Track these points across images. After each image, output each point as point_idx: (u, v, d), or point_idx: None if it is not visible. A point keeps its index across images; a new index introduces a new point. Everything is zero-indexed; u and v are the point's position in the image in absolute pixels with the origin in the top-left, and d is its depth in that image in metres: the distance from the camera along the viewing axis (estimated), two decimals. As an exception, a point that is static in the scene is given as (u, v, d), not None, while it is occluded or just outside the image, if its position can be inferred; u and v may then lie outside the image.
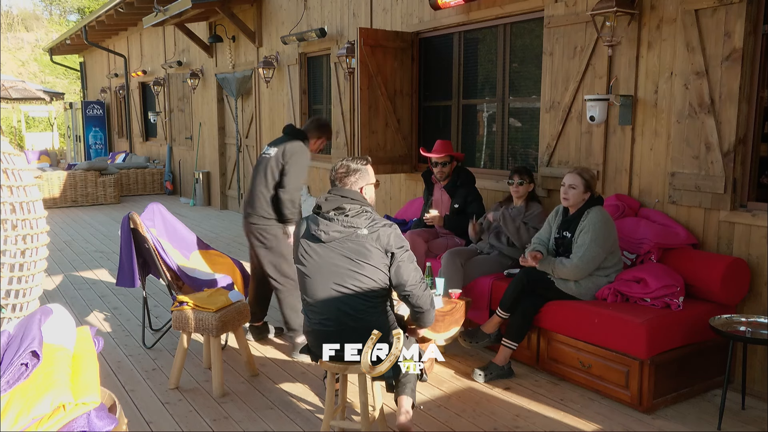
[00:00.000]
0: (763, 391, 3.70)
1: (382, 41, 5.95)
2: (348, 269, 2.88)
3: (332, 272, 2.90)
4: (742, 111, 3.74)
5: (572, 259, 3.82)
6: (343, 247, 2.89)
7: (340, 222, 2.89)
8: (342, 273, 2.88)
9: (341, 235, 2.88)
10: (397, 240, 2.92)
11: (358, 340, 2.84)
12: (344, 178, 3.01)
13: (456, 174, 5.01)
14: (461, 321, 3.92)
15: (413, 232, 4.92)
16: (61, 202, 11.76)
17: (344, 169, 3.03)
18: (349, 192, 2.98)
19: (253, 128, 9.82)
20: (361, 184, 3.03)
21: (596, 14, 4.14)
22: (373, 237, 2.88)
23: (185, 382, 3.92)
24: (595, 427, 3.35)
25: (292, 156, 4.25)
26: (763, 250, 3.72)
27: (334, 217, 2.90)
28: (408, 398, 3.04)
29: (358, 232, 2.87)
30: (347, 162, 3.06)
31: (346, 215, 2.90)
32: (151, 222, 4.42)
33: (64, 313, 2.11)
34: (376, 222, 2.92)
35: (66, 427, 1.66)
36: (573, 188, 3.91)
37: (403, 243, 2.94)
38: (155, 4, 9.79)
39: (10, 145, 2.38)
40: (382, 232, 2.89)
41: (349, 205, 2.92)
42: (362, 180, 3.03)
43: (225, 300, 3.84)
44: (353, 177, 3.01)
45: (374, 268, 2.88)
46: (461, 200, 4.91)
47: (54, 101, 19.82)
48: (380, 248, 2.88)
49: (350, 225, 2.88)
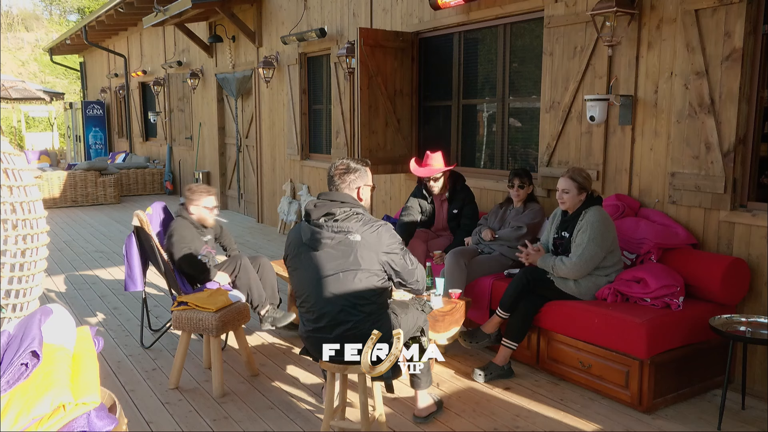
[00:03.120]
0: (763, 391, 3.70)
1: (382, 41, 5.95)
2: (342, 274, 2.87)
3: (326, 278, 2.89)
4: (742, 111, 3.74)
5: (571, 258, 3.82)
6: (336, 252, 2.87)
7: (330, 228, 2.87)
8: (336, 279, 2.88)
9: (333, 241, 2.87)
10: (390, 238, 2.92)
11: (356, 342, 2.86)
12: (344, 174, 3.00)
13: (452, 180, 4.95)
14: (461, 321, 3.92)
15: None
16: (61, 202, 11.77)
17: (344, 167, 3.02)
18: (338, 195, 2.97)
19: (253, 128, 9.82)
20: (359, 183, 3.02)
21: (596, 14, 4.14)
22: (366, 243, 2.86)
23: (185, 382, 3.92)
24: (595, 427, 3.35)
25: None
26: (763, 250, 3.72)
27: (324, 224, 2.89)
28: (422, 397, 3.32)
29: (350, 237, 2.86)
30: (348, 160, 3.06)
31: (335, 220, 2.89)
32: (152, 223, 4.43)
33: (64, 313, 2.11)
34: (368, 224, 2.90)
35: (66, 427, 1.66)
36: (566, 192, 3.92)
37: (395, 238, 2.95)
38: (155, 4, 9.80)
39: (10, 145, 2.38)
40: (373, 236, 2.88)
41: (338, 209, 2.90)
42: (360, 180, 3.03)
43: (225, 300, 3.84)
44: (353, 175, 3.01)
45: (369, 273, 2.88)
46: (459, 205, 4.89)
47: (54, 101, 19.83)
48: (374, 253, 2.88)
49: (341, 230, 2.87)
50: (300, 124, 8.40)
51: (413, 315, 3.19)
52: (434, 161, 4.85)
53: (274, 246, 8.03)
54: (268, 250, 7.71)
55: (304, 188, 8.33)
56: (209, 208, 4.45)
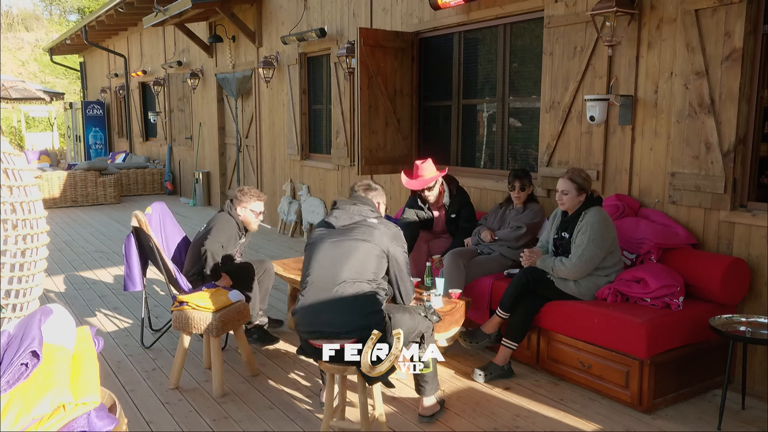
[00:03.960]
0: (763, 391, 3.70)
1: (382, 41, 5.95)
2: (349, 243, 3.07)
3: (335, 248, 3.09)
4: (742, 111, 3.74)
5: (571, 259, 3.82)
6: (352, 230, 3.12)
7: (350, 210, 3.20)
8: (345, 248, 3.07)
9: (351, 220, 3.17)
10: (402, 238, 3.22)
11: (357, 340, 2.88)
12: (366, 190, 3.43)
13: (446, 184, 4.87)
14: (461, 321, 3.92)
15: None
16: (61, 202, 11.77)
17: (366, 185, 3.46)
18: (361, 199, 3.31)
19: (253, 128, 9.82)
20: (378, 199, 3.44)
21: (596, 14, 4.14)
22: (381, 228, 3.13)
23: (185, 382, 3.92)
24: (595, 427, 3.35)
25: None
26: (763, 250, 3.72)
27: (346, 207, 3.21)
28: (427, 398, 3.37)
29: (368, 220, 3.16)
30: (368, 180, 3.53)
31: (360, 214, 3.21)
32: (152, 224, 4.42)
33: (64, 313, 2.11)
34: (385, 222, 3.22)
35: (66, 427, 1.66)
36: (565, 194, 3.93)
37: (404, 242, 3.25)
38: (155, 4, 9.80)
39: (10, 145, 2.38)
40: (390, 227, 3.19)
41: (362, 204, 3.26)
42: (379, 197, 3.46)
43: (225, 300, 3.84)
44: (373, 192, 3.44)
45: (375, 249, 3.08)
46: (456, 208, 4.86)
47: (54, 101, 19.82)
48: (386, 237, 3.12)
49: (361, 214, 3.18)
50: (300, 124, 8.40)
51: (413, 318, 3.18)
52: (425, 171, 4.70)
53: (274, 246, 8.03)
54: (268, 250, 7.71)
55: (304, 188, 8.34)
56: (256, 213, 4.46)
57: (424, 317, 3.26)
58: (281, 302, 5.53)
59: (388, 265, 3.15)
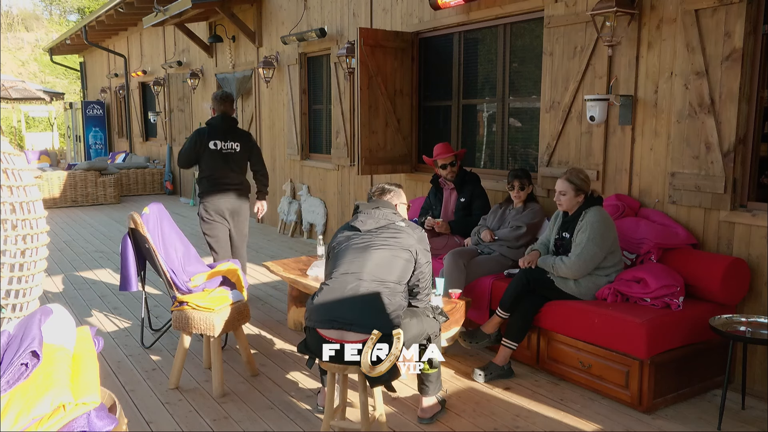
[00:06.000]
0: (763, 391, 3.70)
1: (382, 41, 5.95)
2: (375, 264, 3.05)
3: (364, 250, 3.09)
4: (742, 111, 3.74)
5: (570, 258, 3.82)
6: (379, 239, 3.11)
7: (376, 215, 3.19)
8: (373, 252, 3.07)
9: (378, 224, 3.16)
10: (427, 243, 3.21)
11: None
12: (381, 195, 3.38)
13: (461, 170, 5.08)
14: (461, 321, 3.92)
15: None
16: (61, 202, 11.76)
17: (380, 189, 3.40)
18: (382, 203, 3.29)
19: (253, 128, 9.81)
20: (395, 201, 3.38)
21: (596, 14, 4.14)
22: (408, 231, 3.14)
23: (185, 382, 3.92)
24: (595, 427, 3.35)
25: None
26: (763, 250, 3.72)
27: (372, 212, 3.20)
28: (427, 398, 3.36)
29: (396, 223, 3.17)
30: (382, 184, 3.44)
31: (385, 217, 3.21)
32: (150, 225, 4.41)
33: (64, 313, 2.11)
34: (412, 225, 3.23)
35: (66, 427, 1.66)
36: (563, 194, 3.93)
37: (429, 247, 3.23)
38: (155, 4, 9.79)
39: (10, 145, 2.39)
40: (417, 231, 3.19)
41: (386, 208, 3.25)
42: (396, 198, 3.39)
43: (225, 300, 3.84)
44: (389, 195, 3.37)
45: (403, 253, 3.08)
46: (468, 195, 4.98)
47: (54, 101, 19.83)
48: (413, 240, 3.12)
49: (387, 218, 3.17)
50: (300, 124, 8.40)
51: (421, 323, 3.17)
52: (446, 148, 5.07)
53: (274, 246, 8.03)
54: (268, 250, 7.71)
55: (304, 188, 8.34)
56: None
57: (432, 318, 3.26)
58: (281, 302, 5.53)
59: (413, 268, 3.12)
